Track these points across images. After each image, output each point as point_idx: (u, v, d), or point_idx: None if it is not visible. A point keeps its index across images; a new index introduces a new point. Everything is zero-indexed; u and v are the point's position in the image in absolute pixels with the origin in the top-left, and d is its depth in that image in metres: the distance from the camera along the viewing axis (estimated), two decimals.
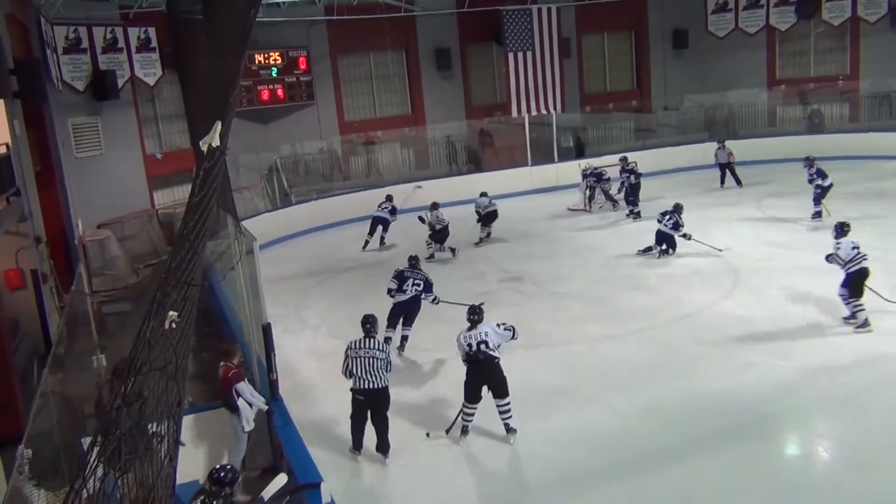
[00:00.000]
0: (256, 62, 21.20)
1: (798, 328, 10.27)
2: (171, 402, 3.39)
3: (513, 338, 8.16)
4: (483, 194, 17.39)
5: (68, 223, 15.02)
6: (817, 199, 15.26)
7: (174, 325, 3.44)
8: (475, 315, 8.15)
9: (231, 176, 13.06)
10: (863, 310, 10.01)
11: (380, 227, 17.50)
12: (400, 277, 10.84)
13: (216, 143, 4.13)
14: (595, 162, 20.08)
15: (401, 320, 10.80)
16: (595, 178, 18.91)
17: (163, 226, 18.25)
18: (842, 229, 10.36)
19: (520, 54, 22.24)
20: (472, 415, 8.08)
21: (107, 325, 12.21)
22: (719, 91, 25.37)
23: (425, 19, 23.27)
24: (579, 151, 24.37)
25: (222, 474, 5.41)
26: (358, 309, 13.05)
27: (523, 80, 22.39)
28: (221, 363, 7.61)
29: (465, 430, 8.10)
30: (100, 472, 2.65)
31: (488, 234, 16.97)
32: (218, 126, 4.09)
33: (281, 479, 5.69)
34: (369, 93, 23.89)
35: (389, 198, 17.88)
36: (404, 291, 10.77)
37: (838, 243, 10.25)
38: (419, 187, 18.53)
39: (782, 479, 7.01)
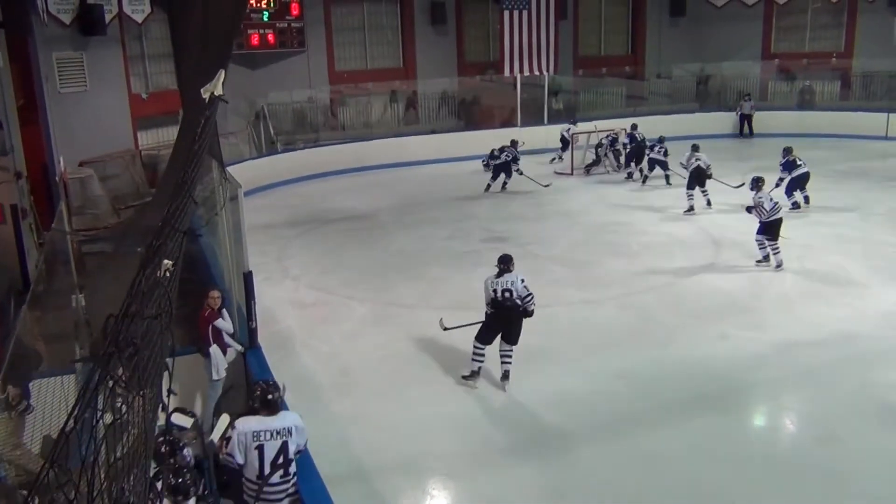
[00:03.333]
0: (247, 5, 20.79)
1: (774, 303, 10.42)
2: (163, 352, 3.39)
3: (529, 302, 8.18)
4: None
5: (50, 159, 14.82)
6: (788, 191, 14.95)
7: (168, 273, 3.43)
8: (503, 264, 8.27)
9: (217, 121, 12.92)
10: (779, 252, 11.39)
11: (502, 174, 17.36)
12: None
13: (219, 91, 4.06)
14: (584, 127, 20.04)
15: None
16: (610, 142, 18.93)
17: (146, 167, 18.03)
18: (757, 184, 11.74)
19: (515, 13, 21.94)
20: (483, 356, 8.31)
21: (86, 264, 12.12)
22: (713, 62, 25.27)
23: None
24: (569, 114, 24.27)
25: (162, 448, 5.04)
26: (340, 261, 13.16)
27: (517, 40, 22.13)
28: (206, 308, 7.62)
29: (476, 374, 8.32)
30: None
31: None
32: (222, 74, 4.03)
33: (224, 420, 5.61)
34: (361, 43, 23.57)
35: (514, 143, 17.77)
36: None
37: (759, 196, 11.55)
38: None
39: (749, 449, 7.16)
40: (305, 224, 15.66)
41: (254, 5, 20.90)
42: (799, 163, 14.72)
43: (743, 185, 13.98)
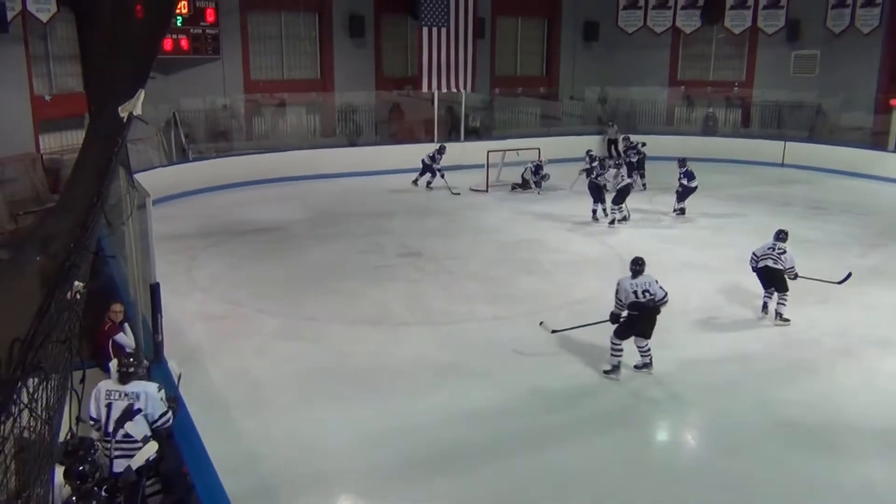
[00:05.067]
0: (169, 21, 20.25)
1: (678, 322, 10.75)
2: (70, 375, 3.25)
3: (664, 300, 8.76)
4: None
5: None
6: (680, 197, 16.32)
7: (79, 296, 3.29)
8: (637, 266, 8.82)
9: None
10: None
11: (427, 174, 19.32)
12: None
13: (138, 111, 3.94)
14: (506, 144, 20.39)
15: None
16: (534, 169, 19.25)
17: (48, 172, 17.26)
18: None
19: (434, 30, 22.15)
20: (622, 351, 8.86)
21: None
22: (624, 86, 26.12)
23: None
24: (485, 132, 24.62)
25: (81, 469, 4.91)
26: (251, 274, 12.91)
27: (436, 56, 22.33)
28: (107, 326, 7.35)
29: (616, 369, 8.86)
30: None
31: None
32: (141, 94, 3.90)
33: (152, 447, 5.55)
34: (278, 53, 23.27)
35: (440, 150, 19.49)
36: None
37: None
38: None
39: (654, 462, 7.40)
40: (216, 235, 15.31)
41: None
42: (695, 175, 16.11)
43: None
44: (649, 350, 8.96)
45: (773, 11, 24.95)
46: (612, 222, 15.84)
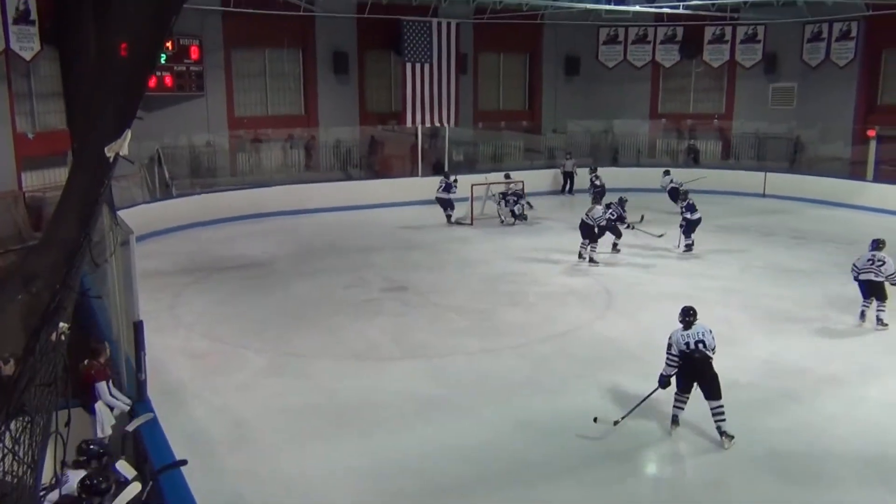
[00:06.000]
0: (156, 60, 20.32)
1: (662, 352, 10.74)
2: (53, 416, 3.21)
3: (714, 350, 8.29)
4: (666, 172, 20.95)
5: None
6: (686, 232, 16.12)
7: (63, 338, 3.26)
8: (689, 316, 8.28)
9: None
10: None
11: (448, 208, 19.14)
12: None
13: (124, 151, 3.93)
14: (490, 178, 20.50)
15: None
16: (514, 199, 19.32)
17: (30, 209, 17.16)
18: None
19: (417, 65, 22.42)
20: (684, 403, 8.31)
21: None
22: (605, 119, 26.43)
23: (325, 21, 23.06)
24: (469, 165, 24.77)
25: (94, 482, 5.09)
26: (235, 310, 12.84)
27: (419, 91, 22.58)
28: (86, 361, 7.25)
29: (675, 420, 8.35)
30: None
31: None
32: (128, 135, 3.90)
33: (134, 489, 5.46)
34: (262, 90, 23.40)
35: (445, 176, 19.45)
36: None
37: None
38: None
39: (642, 495, 7.36)
40: (200, 271, 15.24)
41: None
42: (697, 207, 15.94)
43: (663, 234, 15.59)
44: (723, 413, 8.06)
45: (750, 45, 25.42)
46: (590, 260, 15.57)
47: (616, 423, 8.43)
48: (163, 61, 20.63)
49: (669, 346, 8.26)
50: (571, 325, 11.90)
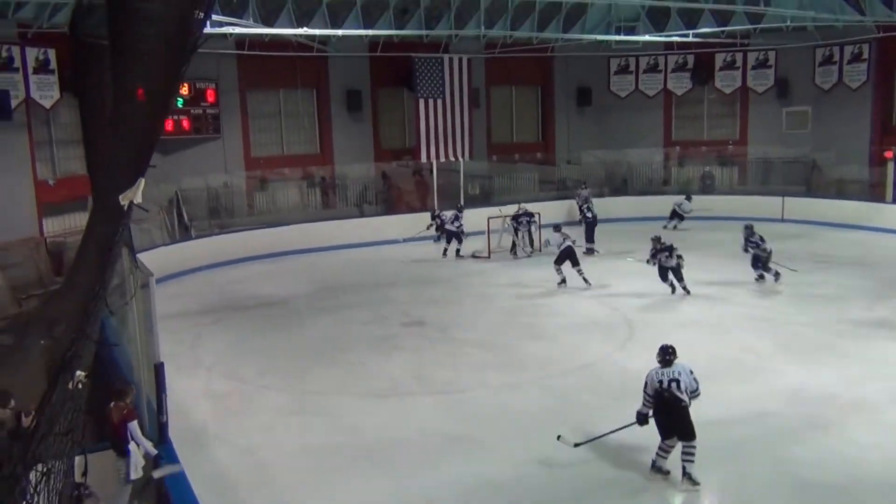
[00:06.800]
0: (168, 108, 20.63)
1: None
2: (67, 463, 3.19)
3: (696, 392, 7.88)
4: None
5: None
6: (763, 264, 15.36)
7: (80, 386, 3.26)
8: (668, 355, 7.93)
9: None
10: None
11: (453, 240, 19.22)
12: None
13: (138, 199, 3.97)
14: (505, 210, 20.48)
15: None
16: (526, 220, 19.29)
17: (51, 255, 17.36)
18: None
19: (430, 101, 22.58)
20: (667, 453, 7.87)
21: None
22: (619, 148, 26.43)
23: (337, 60, 23.35)
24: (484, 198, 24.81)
25: None
26: (256, 349, 12.84)
27: (433, 127, 22.71)
28: (112, 403, 7.25)
29: (655, 467, 7.96)
30: None
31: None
32: (141, 183, 3.94)
33: None
34: (277, 129, 23.68)
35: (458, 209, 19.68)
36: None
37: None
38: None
39: None
40: (220, 311, 15.28)
41: None
42: (764, 240, 15.34)
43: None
44: (692, 454, 7.73)
45: (761, 71, 25.45)
46: (562, 281, 15.81)
47: (577, 445, 8.35)
48: (180, 105, 20.97)
49: (645, 384, 7.92)
50: (593, 358, 11.78)
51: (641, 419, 7.99)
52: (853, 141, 23.45)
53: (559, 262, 15.84)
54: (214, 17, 18.12)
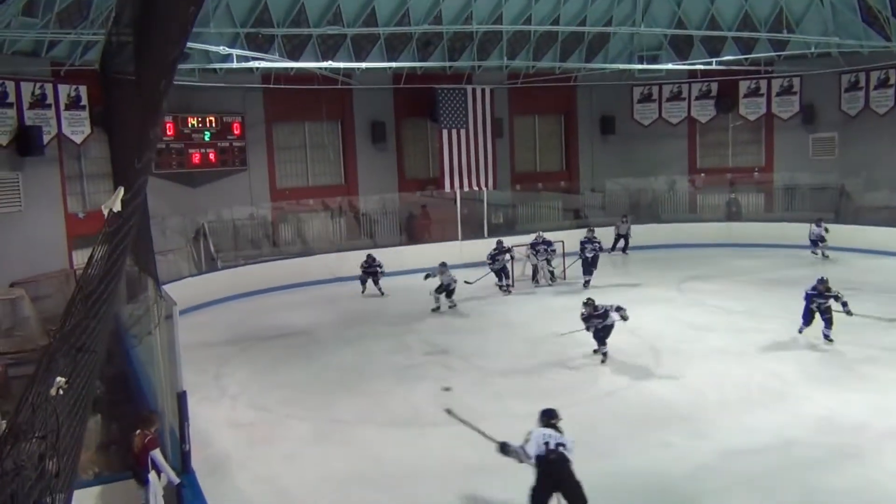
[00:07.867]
0: (189, 125, 21.05)
1: (715, 410, 10.49)
2: (48, 473, 3.19)
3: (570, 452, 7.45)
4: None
5: None
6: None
7: (61, 392, 3.29)
8: (552, 418, 7.68)
9: (156, 238, 12.80)
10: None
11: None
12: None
13: (117, 208, 4.02)
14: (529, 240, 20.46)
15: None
16: (545, 248, 19.21)
17: None
18: None
19: (453, 131, 22.77)
20: None
21: (12, 388, 11.62)
22: (643, 176, 26.36)
23: (361, 93, 23.64)
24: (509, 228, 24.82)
25: None
26: (279, 378, 12.88)
27: (456, 157, 22.88)
28: (137, 431, 7.31)
29: None
30: None
31: None
32: (120, 192, 3.99)
33: None
34: (303, 161, 23.95)
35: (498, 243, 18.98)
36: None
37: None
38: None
39: None
40: (245, 341, 15.38)
41: (196, 125, 21.15)
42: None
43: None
44: None
45: (786, 98, 25.30)
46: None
47: (448, 412, 8.53)
48: (207, 138, 21.30)
49: (527, 441, 7.49)
50: (618, 385, 11.67)
51: (503, 451, 7.66)
52: (882, 166, 23.16)
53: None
54: (241, 52, 18.52)
